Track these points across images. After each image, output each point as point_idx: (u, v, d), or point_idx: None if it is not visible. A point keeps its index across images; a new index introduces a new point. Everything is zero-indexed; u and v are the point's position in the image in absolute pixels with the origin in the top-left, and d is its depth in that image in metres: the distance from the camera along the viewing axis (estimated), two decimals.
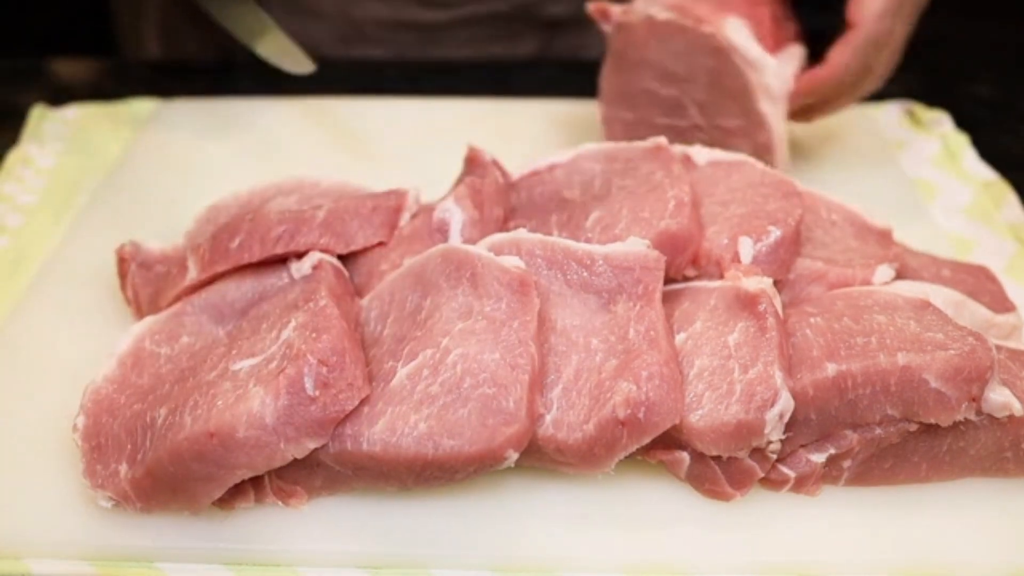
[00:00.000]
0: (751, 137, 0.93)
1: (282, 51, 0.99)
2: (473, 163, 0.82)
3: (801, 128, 1.11)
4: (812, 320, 0.70)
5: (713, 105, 0.94)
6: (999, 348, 0.70)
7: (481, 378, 0.64)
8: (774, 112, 0.93)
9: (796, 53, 0.96)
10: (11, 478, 0.69)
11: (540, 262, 0.71)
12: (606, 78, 0.98)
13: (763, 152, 0.92)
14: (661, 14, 0.92)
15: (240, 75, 1.25)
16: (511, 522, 0.67)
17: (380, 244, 0.78)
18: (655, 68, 0.95)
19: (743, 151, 0.87)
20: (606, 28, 0.96)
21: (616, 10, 0.95)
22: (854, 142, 1.09)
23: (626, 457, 0.64)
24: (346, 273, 0.76)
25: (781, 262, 0.74)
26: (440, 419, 0.63)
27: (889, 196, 0.99)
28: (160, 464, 0.64)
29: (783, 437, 0.65)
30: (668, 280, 0.73)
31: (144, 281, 0.80)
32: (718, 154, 0.84)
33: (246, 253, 0.74)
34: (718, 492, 0.68)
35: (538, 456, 0.66)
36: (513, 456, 0.62)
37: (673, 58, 0.93)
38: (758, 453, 0.66)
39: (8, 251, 0.93)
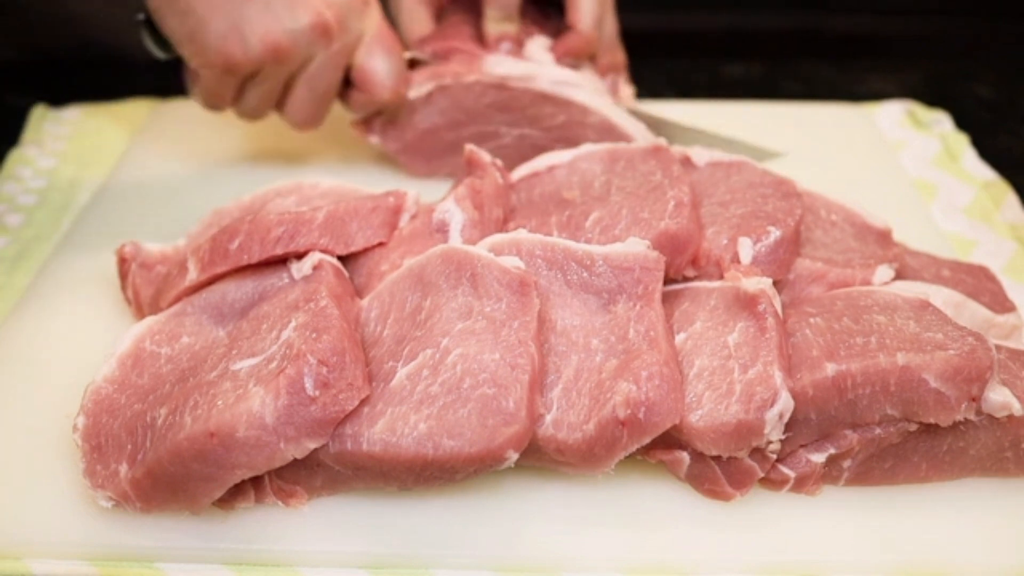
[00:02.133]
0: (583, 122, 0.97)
1: None
2: (472, 164, 0.82)
3: (801, 128, 1.11)
4: (812, 320, 0.70)
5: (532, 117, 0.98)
6: (999, 348, 0.70)
7: (481, 378, 0.64)
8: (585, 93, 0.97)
9: (541, 42, 1.00)
10: (11, 478, 0.69)
11: (540, 262, 0.71)
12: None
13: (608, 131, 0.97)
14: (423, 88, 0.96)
15: None
16: (511, 522, 0.67)
17: (380, 245, 0.78)
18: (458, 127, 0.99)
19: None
20: (373, 140, 1.00)
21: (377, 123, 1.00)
22: (854, 142, 1.09)
23: (626, 457, 0.64)
24: (346, 273, 0.76)
25: (781, 262, 0.74)
26: (440, 419, 0.63)
27: (889, 196, 0.99)
28: (160, 464, 0.64)
29: (783, 437, 0.65)
30: (668, 280, 0.73)
31: (144, 281, 0.80)
32: (718, 155, 0.84)
33: (245, 254, 0.74)
34: (718, 492, 0.68)
35: (538, 456, 0.66)
36: (513, 456, 0.62)
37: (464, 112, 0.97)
38: (758, 453, 0.66)
39: (8, 251, 0.93)
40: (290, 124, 0.94)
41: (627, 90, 1.06)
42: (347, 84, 0.94)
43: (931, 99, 1.17)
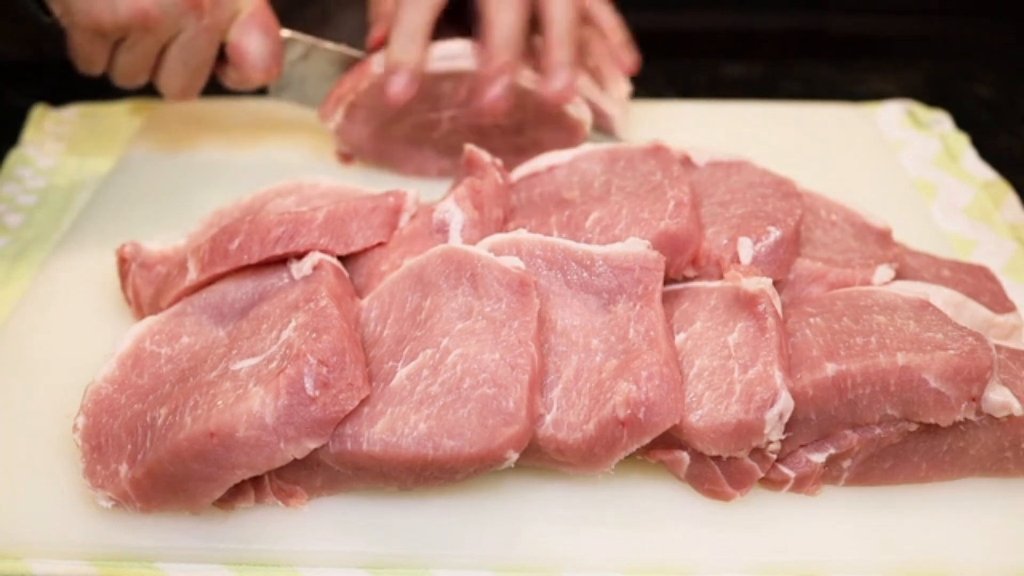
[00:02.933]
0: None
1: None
2: (472, 164, 0.82)
3: (801, 128, 1.11)
4: (812, 320, 0.70)
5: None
6: (999, 348, 0.70)
7: (481, 378, 0.64)
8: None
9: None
10: (11, 478, 0.69)
11: (540, 262, 0.71)
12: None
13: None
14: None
15: None
16: (511, 522, 0.67)
17: (380, 245, 0.78)
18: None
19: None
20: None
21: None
22: (854, 142, 1.09)
23: (626, 457, 0.64)
24: (346, 273, 0.76)
25: (781, 262, 0.74)
26: (440, 419, 0.63)
27: (889, 196, 0.99)
28: (160, 464, 0.64)
29: (783, 437, 0.65)
30: (668, 280, 0.73)
31: (144, 281, 0.80)
32: (718, 154, 0.84)
33: (245, 254, 0.74)
34: (718, 492, 0.68)
35: (538, 456, 0.66)
36: (513, 456, 0.62)
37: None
38: (758, 453, 0.66)
39: (8, 251, 0.93)
40: (164, 93, 0.94)
41: (623, 87, 1.06)
42: (223, 59, 0.94)
43: (931, 99, 1.17)
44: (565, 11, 0.94)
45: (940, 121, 1.13)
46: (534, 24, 0.96)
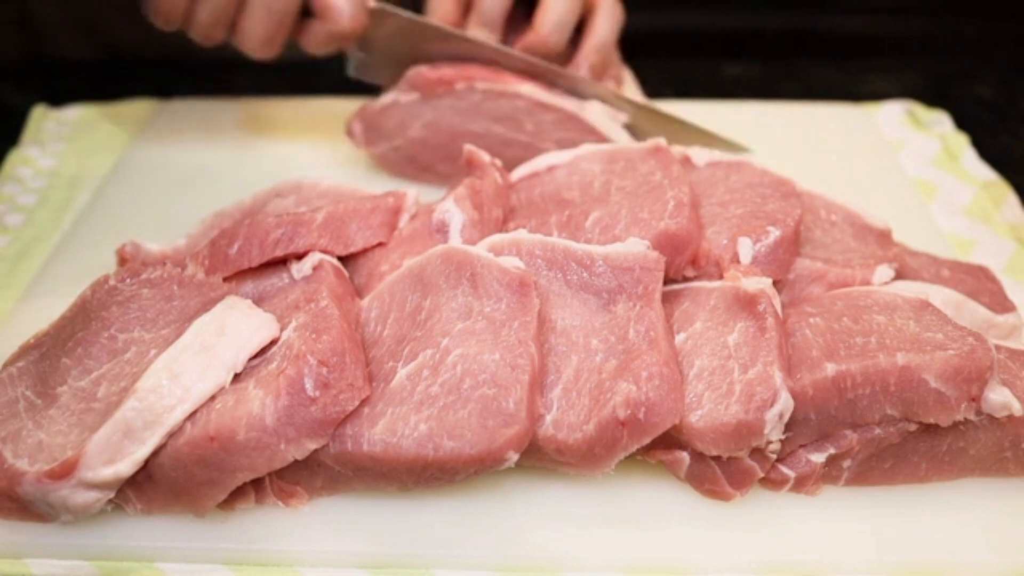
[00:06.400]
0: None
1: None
2: (472, 164, 0.82)
3: (801, 128, 1.11)
4: (812, 320, 0.70)
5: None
6: (999, 348, 0.70)
7: (481, 379, 0.64)
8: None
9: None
10: None
11: (540, 262, 0.71)
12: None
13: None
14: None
15: (240, 75, 1.25)
16: (511, 522, 0.67)
17: (380, 245, 0.78)
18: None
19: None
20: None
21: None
22: (854, 142, 1.09)
23: (626, 457, 0.64)
24: (346, 273, 0.76)
25: (780, 262, 0.74)
26: (440, 420, 0.63)
27: (889, 196, 0.99)
28: (161, 469, 0.63)
29: (783, 437, 0.65)
30: (668, 280, 0.73)
31: None
32: (717, 155, 0.84)
33: (245, 259, 0.74)
34: (718, 492, 0.68)
35: (538, 456, 0.66)
36: (513, 457, 0.62)
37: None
38: (758, 453, 0.66)
39: (8, 251, 0.93)
40: (245, 49, 0.92)
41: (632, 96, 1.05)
42: (305, 16, 0.92)
43: (931, 99, 1.17)
44: (609, 26, 1.00)
45: (940, 121, 1.13)
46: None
